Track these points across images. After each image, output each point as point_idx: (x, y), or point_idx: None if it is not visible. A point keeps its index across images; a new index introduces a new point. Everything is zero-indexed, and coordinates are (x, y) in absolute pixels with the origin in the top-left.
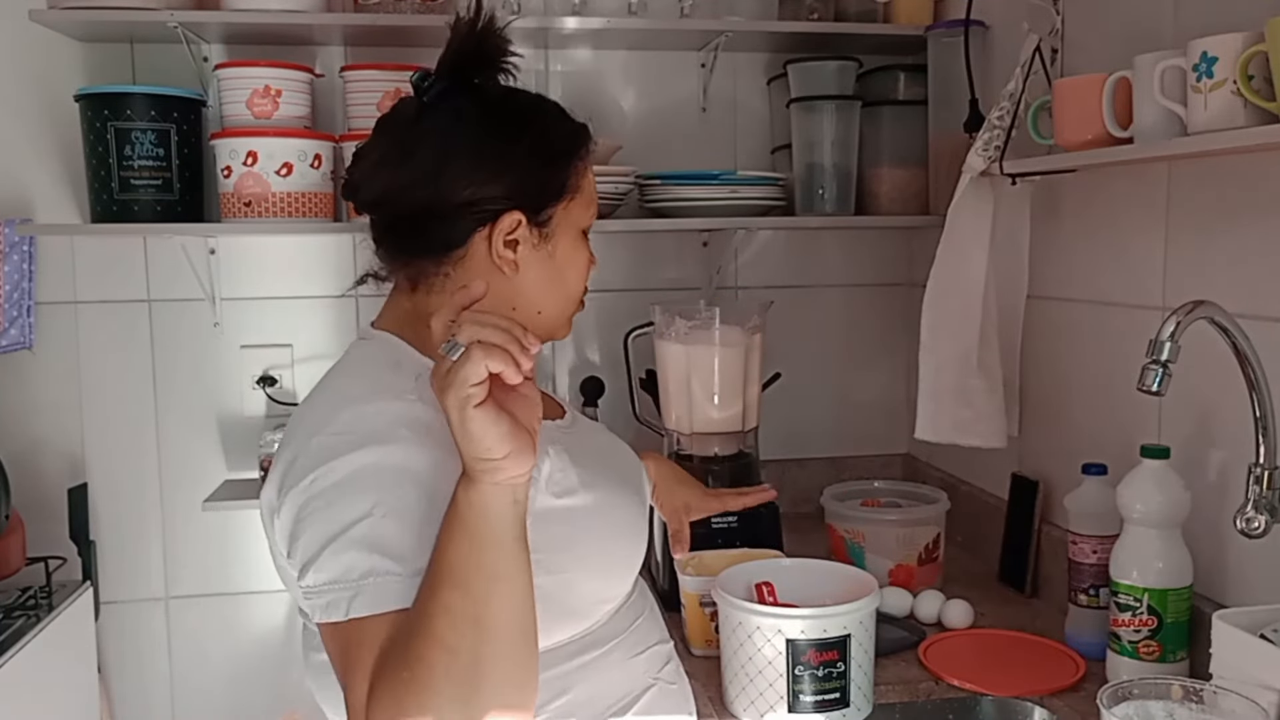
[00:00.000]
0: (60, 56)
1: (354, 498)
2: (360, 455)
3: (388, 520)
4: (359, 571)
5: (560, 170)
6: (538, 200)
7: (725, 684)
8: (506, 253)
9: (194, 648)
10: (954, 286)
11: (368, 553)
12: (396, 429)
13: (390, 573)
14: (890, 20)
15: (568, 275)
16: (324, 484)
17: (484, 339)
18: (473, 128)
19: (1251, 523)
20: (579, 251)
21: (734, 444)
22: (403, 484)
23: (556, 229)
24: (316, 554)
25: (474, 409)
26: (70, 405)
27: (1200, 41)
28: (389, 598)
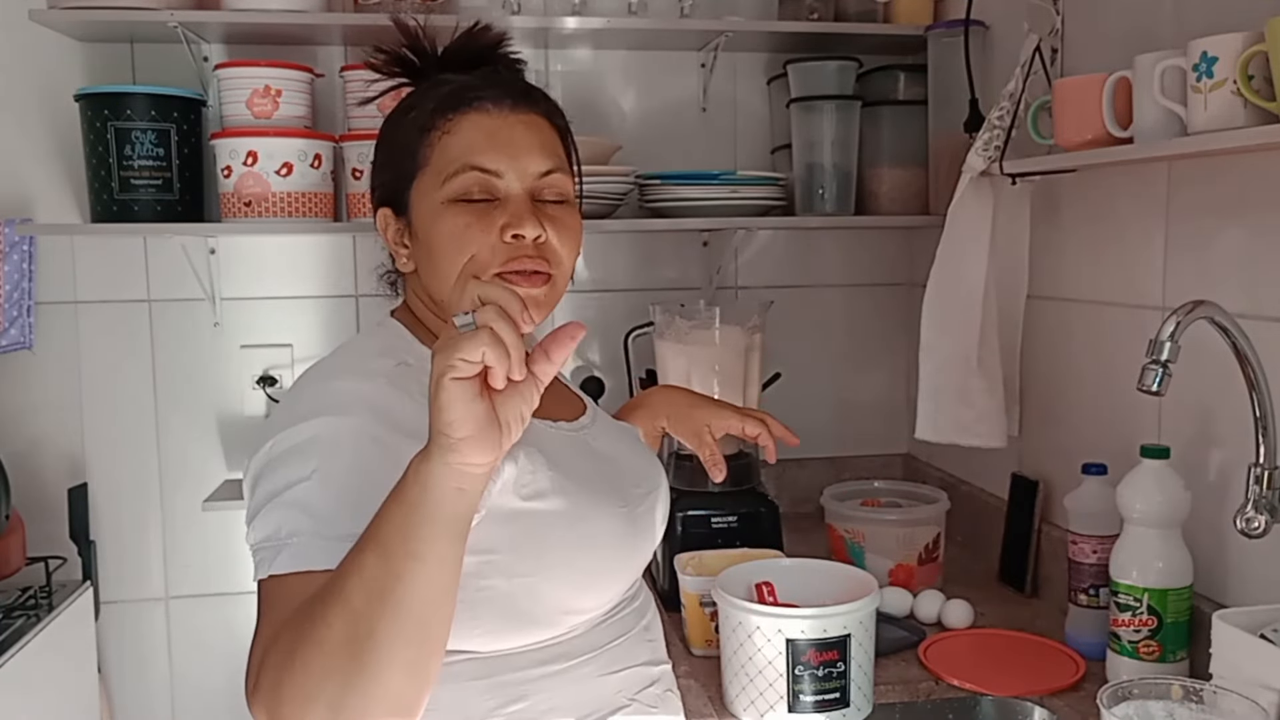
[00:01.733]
0: (60, 56)
1: (298, 462)
2: (313, 425)
3: (324, 486)
4: (286, 530)
5: (406, 149)
6: (395, 189)
7: (725, 684)
8: (398, 248)
9: (194, 648)
10: (954, 286)
11: (297, 513)
12: (354, 404)
13: (316, 534)
14: (890, 20)
15: (437, 250)
16: (277, 450)
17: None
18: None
19: (1251, 523)
20: (443, 221)
21: (734, 444)
22: (345, 454)
23: (413, 209)
24: (255, 514)
25: (451, 380)
26: (70, 405)
27: (1200, 41)
28: (309, 557)
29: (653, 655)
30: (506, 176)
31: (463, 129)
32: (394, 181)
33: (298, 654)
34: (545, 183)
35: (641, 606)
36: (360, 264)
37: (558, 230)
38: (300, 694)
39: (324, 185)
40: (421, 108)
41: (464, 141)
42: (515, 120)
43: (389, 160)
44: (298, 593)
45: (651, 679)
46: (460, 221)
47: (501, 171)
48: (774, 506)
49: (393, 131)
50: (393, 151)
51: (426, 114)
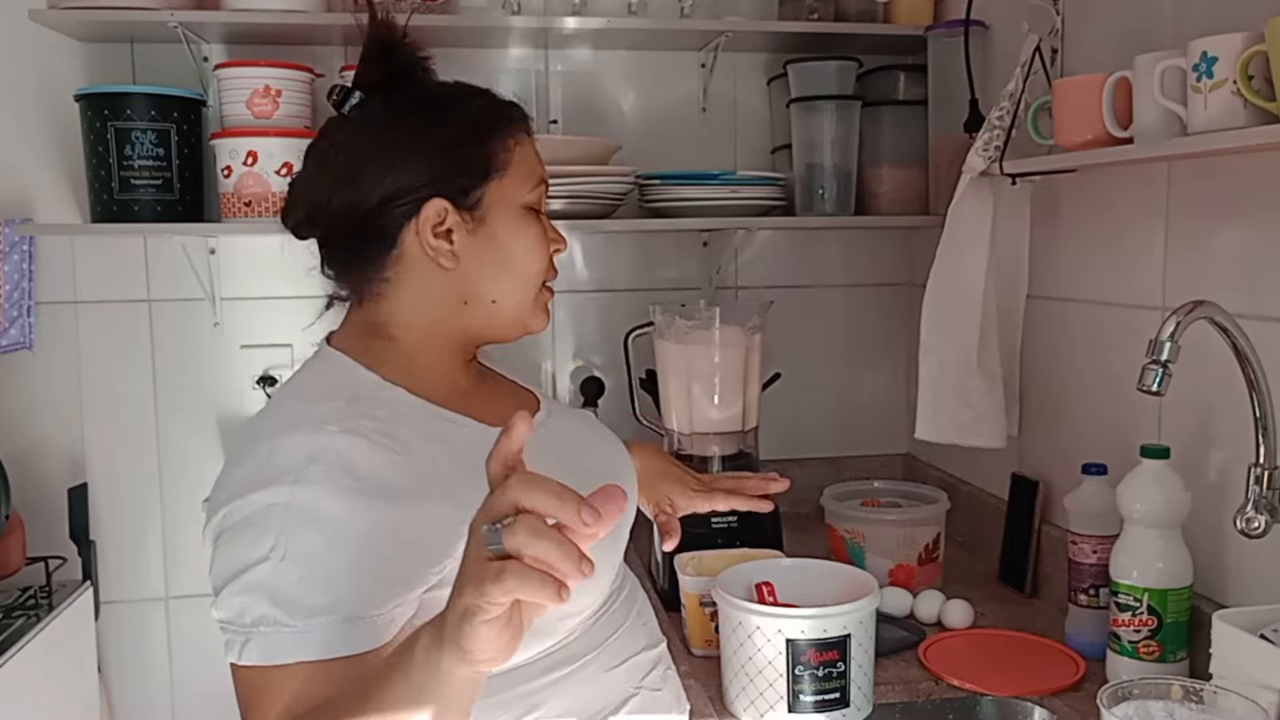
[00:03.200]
0: (60, 56)
1: (255, 539)
2: (268, 494)
3: (285, 565)
4: (250, 617)
5: (479, 147)
6: (460, 182)
7: (725, 684)
8: (440, 243)
9: (194, 648)
10: (954, 286)
11: (259, 598)
12: (309, 466)
13: (280, 623)
14: (890, 20)
15: (514, 254)
16: (232, 519)
17: (530, 554)
18: (382, 123)
19: (1251, 523)
20: (525, 228)
21: (734, 444)
22: (305, 527)
23: (490, 209)
24: (217, 590)
25: (482, 623)
26: (70, 405)
27: (1200, 41)
28: (279, 649)
29: (650, 639)
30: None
31: (527, 144)
32: (459, 175)
33: None
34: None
35: (630, 593)
36: None
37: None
38: None
39: None
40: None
41: (533, 156)
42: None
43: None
44: (280, 686)
45: (653, 663)
46: (537, 230)
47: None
48: (774, 506)
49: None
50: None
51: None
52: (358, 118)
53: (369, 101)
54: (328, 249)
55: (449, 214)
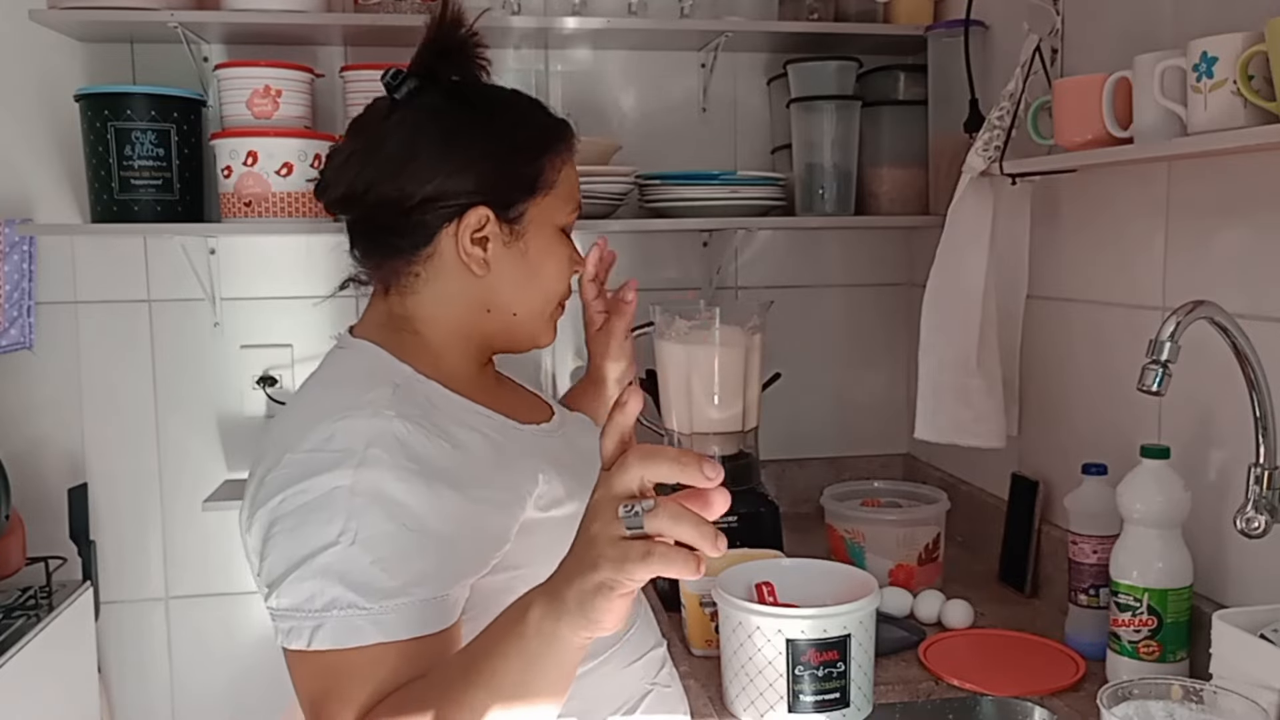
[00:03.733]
0: (60, 56)
1: (322, 522)
2: (331, 477)
3: (355, 549)
4: (321, 602)
5: (531, 164)
6: (506, 194)
7: (725, 684)
8: (475, 250)
9: (194, 648)
10: (954, 286)
11: (332, 582)
12: (370, 449)
13: (355, 606)
14: (890, 20)
15: (544, 274)
16: (293, 504)
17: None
18: (438, 121)
19: (1251, 523)
20: (557, 249)
21: (734, 444)
22: (373, 510)
23: (529, 225)
24: (281, 577)
25: (617, 597)
26: (70, 405)
27: (1200, 41)
28: (357, 632)
29: (656, 637)
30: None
31: (571, 165)
32: (507, 187)
33: None
34: None
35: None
36: None
37: None
38: None
39: None
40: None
41: (574, 179)
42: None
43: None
44: (356, 669)
45: (662, 660)
46: (567, 252)
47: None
48: (774, 506)
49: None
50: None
51: (551, 138)
52: (417, 108)
53: (426, 93)
54: (359, 232)
55: (489, 223)
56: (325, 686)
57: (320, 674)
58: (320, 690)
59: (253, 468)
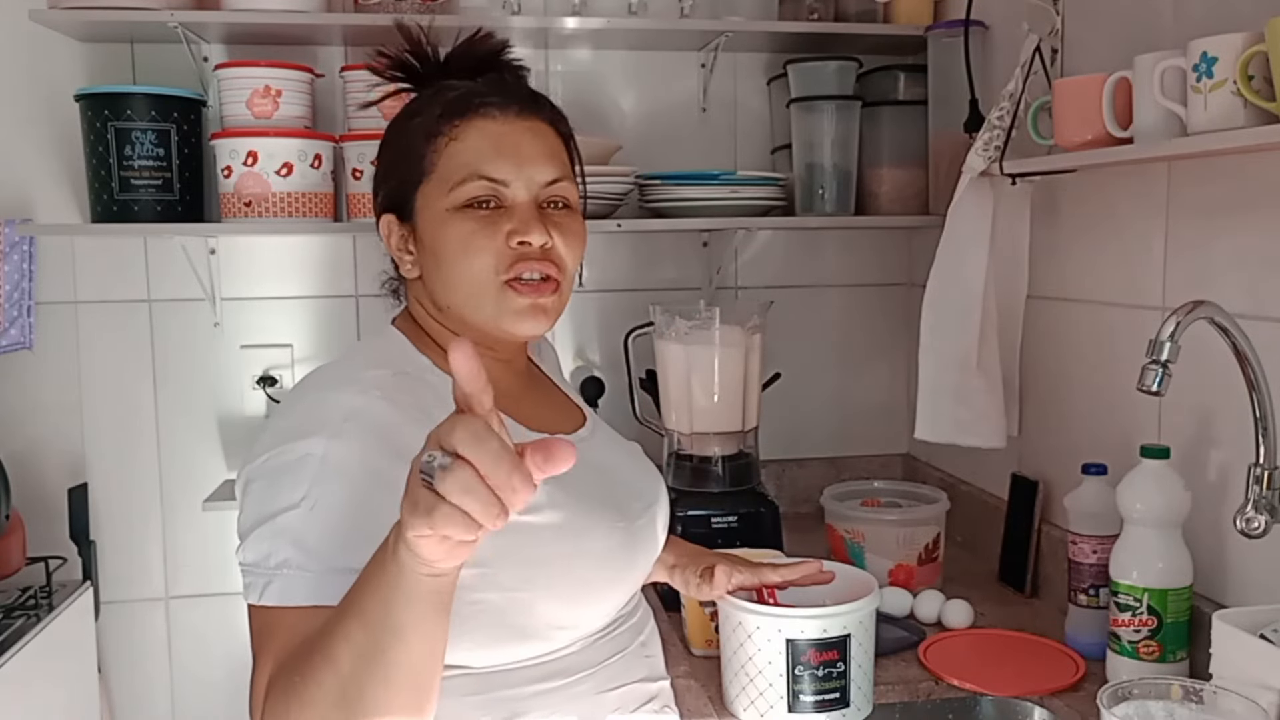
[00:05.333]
0: (60, 56)
1: (289, 485)
2: (306, 444)
3: (314, 514)
4: (275, 560)
5: (414, 158)
6: (399, 196)
7: (725, 684)
8: (402, 255)
9: (194, 648)
10: (954, 286)
11: (286, 543)
12: (346, 422)
13: (303, 568)
14: (890, 20)
15: (447, 258)
16: (270, 465)
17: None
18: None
19: (1251, 523)
20: (451, 229)
21: (734, 444)
22: (336, 481)
23: (419, 218)
24: (247, 532)
25: (417, 539)
26: (70, 405)
27: (1200, 41)
28: (296, 592)
29: (650, 671)
30: (513, 185)
31: (469, 136)
32: (399, 188)
33: (292, 708)
34: (551, 191)
35: (639, 622)
36: (360, 264)
37: (564, 237)
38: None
39: (324, 185)
40: (427, 114)
41: (471, 149)
42: (522, 127)
43: (393, 166)
44: (287, 626)
45: (649, 695)
46: (466, 228)
47: (509, 180)
48: (774, 506)
49: (397, 137)
50: (397, 157)
51: (432, 120)
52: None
53: None
54: None
55: (394, 227)
56: (262, 640)
57: (260, 628)
58: (258, 644)
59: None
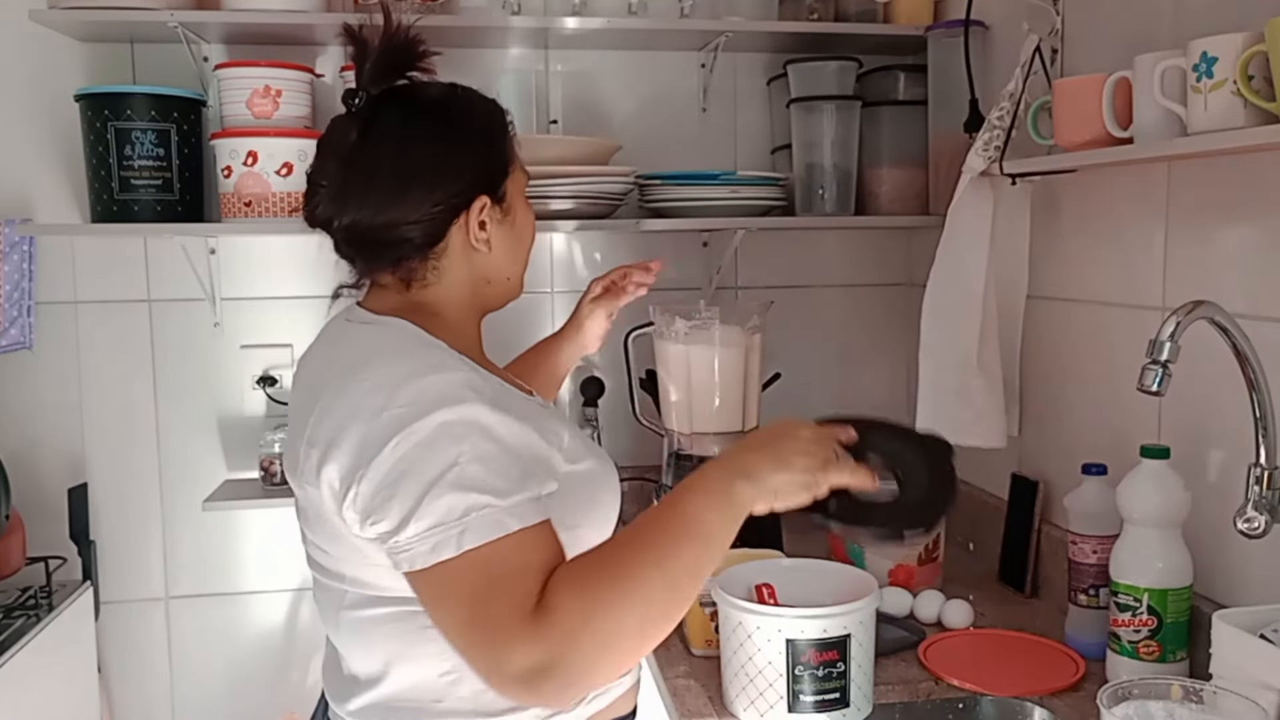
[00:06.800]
0: (60, 56)
1: (439, 452)
2: (436, 416)
3: (473, 465)
4: (459, 510)
5: (499, 147)
6: (492, 180)
7: (725, 684)
8: (481, 234)
9: (194, 648)
10: (954, 286)
11: (464, 493)
12: (462, 391)
13: (490, 505)
14: (890, 20)
15: (525, 235)
16: (406, 446)
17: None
18: (418, 139)
19: (1251, 523)
20: (528, 211)
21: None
22: (477, 435)
23: (512, 199)
24: (415, 506)
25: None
26: (70, 405)
27: (1200, 41)
28: (495, 527)
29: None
30: None
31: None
32: (492, 172)
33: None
34: None
35: None
36: None
37: None
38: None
39: None
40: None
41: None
42: None
43: (485, 152)
44: (502, 558)
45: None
46: (531, 209)
47: None
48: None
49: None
50: (486, 144)
51: (499, 117)
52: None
53: (389, 107)
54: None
55: (489, 208)
56: (485, 583)
57: (476, 573)
58: (481, 588)
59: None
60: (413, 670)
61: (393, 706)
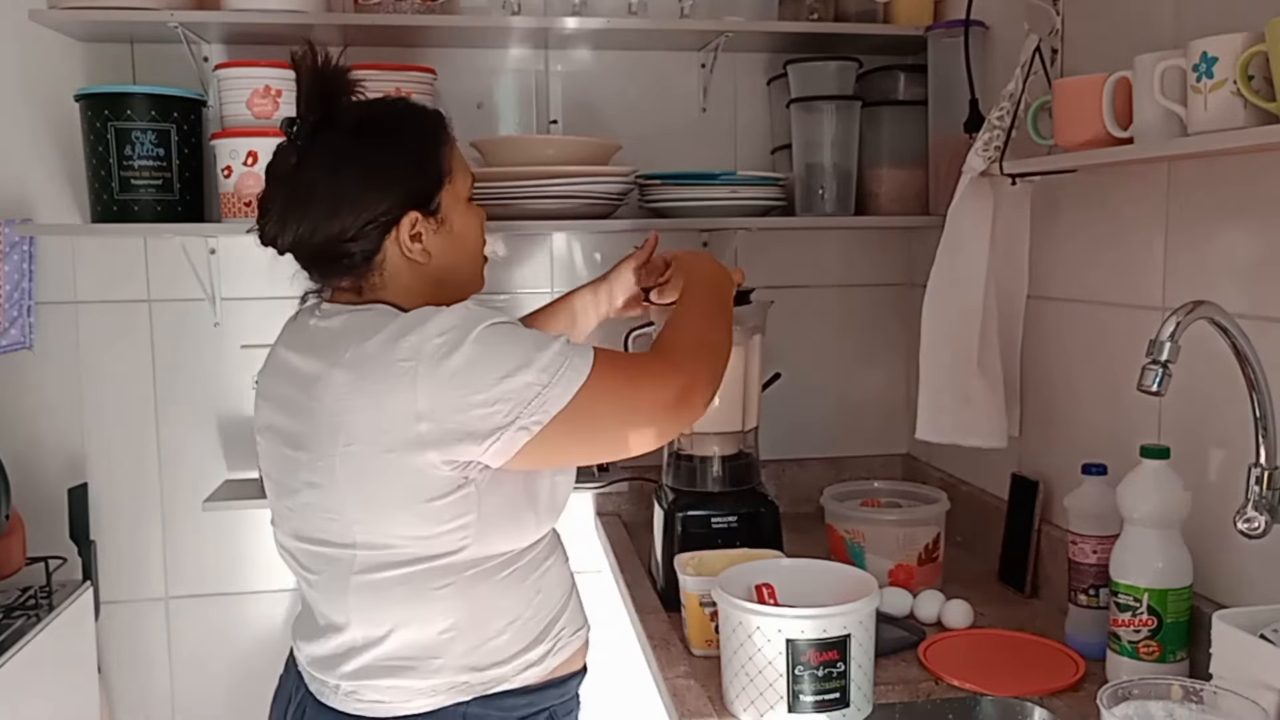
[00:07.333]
0: (60, 56)
1: (506, 338)
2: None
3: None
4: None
5: (432, 161)
6: (424, 195)
7: (725, 684)
8: (415, 246)
9: (194, 648)
10: (954, 286)
11: (550, 341)
12: (475, 309)
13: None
14: (890, 20)
15: (468, 240)
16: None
17: None
18: (350, 156)
19: (1251, 523)
20: (469, 217)
21: (734, 444)
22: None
23: (447, 210)
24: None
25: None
26: (70, 405)
27: (1200, 41)
28: (584, 346)
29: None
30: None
31: (454, 145)
32: (424, 187)
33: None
34: None
35: None
36: None
37: None
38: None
39: None
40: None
41: (460, 154)
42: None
43: (410, 172)
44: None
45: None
46: (477, 216)
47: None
48: (774, 506)
49: (399, 148)
50: (411, 164)
51: (434, 131)
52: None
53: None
54: (315, 262)
55: (419, 222)
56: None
57: (611, 369)
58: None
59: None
60: (416, 630)
61: (389, 665)
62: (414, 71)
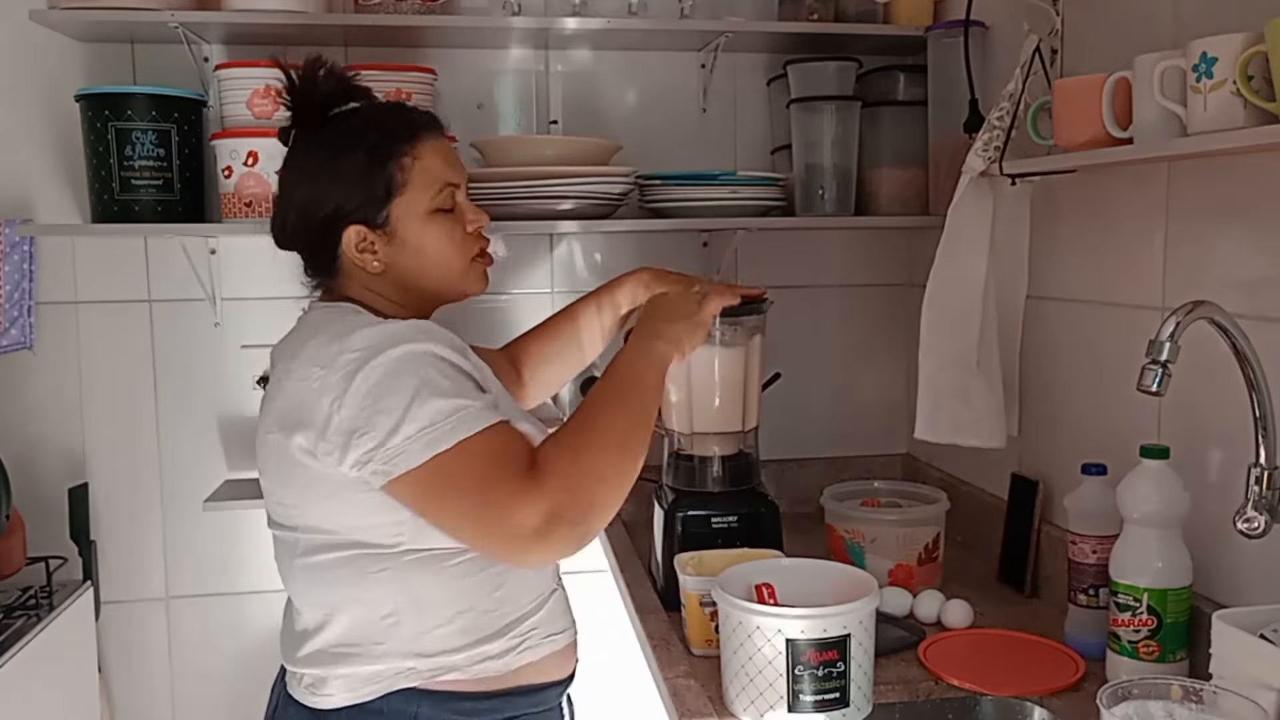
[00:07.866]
0: (60, 56)
1: (409, 373)
2: (400, 350)
3: (443, 380)
4: (446, 412)
5: (379, 176)
6: (368, 209)
7: (725, 684)
8: (366, 257)
9: (194, 648)
10: (954, 286)
11: (445, 398)
12: (413, 332)
13: (469, 405)
14: (890, 20)
15: (429, 251)
16: (377, 374)
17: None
18: (303, 165)
19: (1251, 523)
20: (433, 229)
21: (734, 444)
22: (436, 363)
23: (398, 222)
24: (402, 415)
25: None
26: (70, 405)
27: (1200, 42)
28: (479, 419)
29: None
30: (460, 187)
31: (426, 154)
32: (367, 202)
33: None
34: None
35: None
36: None
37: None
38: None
39: None
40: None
41: (434, 165)
42: (447, 143)
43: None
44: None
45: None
46: (445, 226)
47: (459, 184)
48: (774, 506)
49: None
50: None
51: (390, 145)
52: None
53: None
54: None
55: (366, 234)
56: (483, 463)
57: (473, 457)
58: (479, 469)
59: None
60: (357, 613)
61: (335, 652)
62: (414, 72)
